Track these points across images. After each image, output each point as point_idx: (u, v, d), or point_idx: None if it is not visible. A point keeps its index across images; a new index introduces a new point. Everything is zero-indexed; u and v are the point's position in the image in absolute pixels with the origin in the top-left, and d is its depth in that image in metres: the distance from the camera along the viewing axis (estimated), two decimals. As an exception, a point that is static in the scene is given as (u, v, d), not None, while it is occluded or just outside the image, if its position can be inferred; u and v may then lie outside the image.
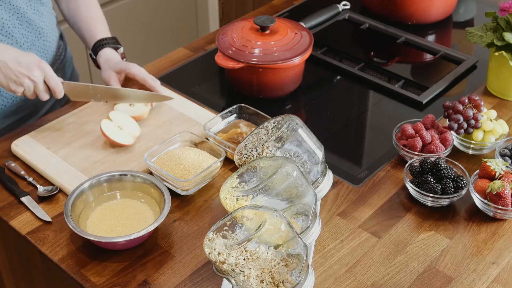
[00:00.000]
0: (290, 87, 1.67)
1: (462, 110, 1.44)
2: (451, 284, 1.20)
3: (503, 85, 1.63)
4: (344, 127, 1.60)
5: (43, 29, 1.62)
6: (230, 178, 1.14)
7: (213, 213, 1.34)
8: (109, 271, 1.22)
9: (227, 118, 1.52)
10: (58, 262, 1.23)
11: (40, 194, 1.36)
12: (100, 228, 1.26)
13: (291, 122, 1.20)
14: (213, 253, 1.01)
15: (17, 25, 1.55)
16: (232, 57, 1.58)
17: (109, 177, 1.33)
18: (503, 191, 1.27)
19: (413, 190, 1.34)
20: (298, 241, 1.03)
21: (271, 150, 1.17)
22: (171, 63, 1.80)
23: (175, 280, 1.20)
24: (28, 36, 1.58)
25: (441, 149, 1.41)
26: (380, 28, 1.93)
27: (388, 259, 1.25)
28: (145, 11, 3.11)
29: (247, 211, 1.03)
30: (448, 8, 1.97)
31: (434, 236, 1.29)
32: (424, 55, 1.84)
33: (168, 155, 1.38)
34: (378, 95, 1.69)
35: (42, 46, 1.63)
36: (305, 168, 1.19)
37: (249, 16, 1.96)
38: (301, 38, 1.63)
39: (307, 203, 1.11)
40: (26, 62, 1.39)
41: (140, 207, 1.31)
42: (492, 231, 1.30)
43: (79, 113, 1.57)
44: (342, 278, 1.21)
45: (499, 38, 1.55)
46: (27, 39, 1.58)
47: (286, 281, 1.01)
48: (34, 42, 1.60)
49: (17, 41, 1.56)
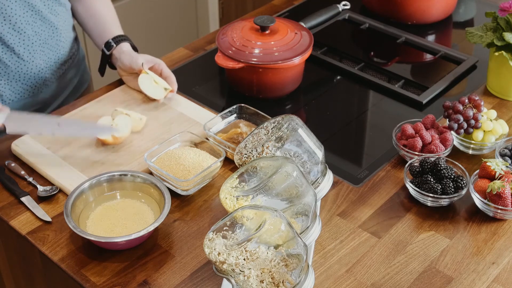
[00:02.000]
0: (290, 87, 1.67)
1: (462, 110, 1.44)
2: (451, 284, 1.20)
3: (503, 85, 1.63)
4: (344, 127, 1.60)
5: (57, 28, 1.62)
6: (230, 178, 1.14)
7: (213, 213, 1.34)
8: (109, 271, 1.22)
9: (227, 118, 1.52)
10: (58, 262, 1.23)
11: (40, 194, 1.36)
12: (100, 228, 1.26)
13: (291, 122, 1.20)
14: (213, 253, 1.01)
15: (31, 22, 1.55)
16: (232, 57, 1.58)
17: (109, 177, 1.33)
18: (503, 191, 1.27)
19: (413, 190, 1.34)
20: (298, 241, 1.03)
21: (271, 150, 1.17)
22: (171, 63, 1.80)
23: (175, 280, 1.20)
24: (41, 34, 1.58)
25: (441, 149, 1.41)
26: (380, 28, 1.93)
27: (388, 259, 1.25)
28: (145, 11, 3.11)
29: (247, 211, 1.03)
30: (448, 8, 1.97)
31: (434, 236, 1.29)
32: (424, 55, 1.84)
33: (168, 155, 1.38)
34: (378, 95, 1.69)
35: (54, 45, 1.63)
36: (305, 168, 1.19)
37: (249, 16, 1.96)
38: (301, 38, 1.63)
39: (307, 203, 1.11)
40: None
41: (140, 207, 1.31)
42: (492, 231, 1.30)
43: (79, 113, 1.57)
44: (342, 278, 1.21)
45: (499, 38, 1.55)
46: (40, 37, 1.58)
47: (286, 281, 1.01)
48: (46, 40, 1.60)
49: (29, 38, 1.56)
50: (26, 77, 1.61)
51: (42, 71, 1.63)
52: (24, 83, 1.61)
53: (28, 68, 1.60)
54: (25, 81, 1.61)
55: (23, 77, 1.60)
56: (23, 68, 1.59)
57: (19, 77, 1.59)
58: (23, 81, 1.61)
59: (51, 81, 1.66)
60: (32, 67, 1.60)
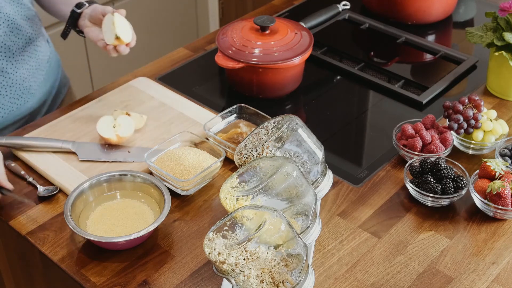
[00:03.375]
0: (290, 87, 1.67)
1: (462, 110, 1.44)
2: (451, 284, 1.20)
3: (503, 85, 1.63)
4: (344, 127, 1.60)
5: (32, 33, 1.62)
6: (230, 178, 1.14)
7: (213, 213, 1.34)
8: (109, 271, 1.22)
9: (227, 118, 1.52)
10: (58, 262, 1.23)
11: (40, 194, 1.36)
12: (100, 228, 1.26)
13: (291, 122, 1.20)
14: (213, 253, 1.01)
15: (8, 33, 1.55)
16: (232, 57, 1.58)
17: (109, 177, 1.33)
18: (503, 191, 1.27)
19: (413, 190, 1.34)
20: (298, 241, 1.03)
21: (271, 150, 1.17)
22: (171, 63, 1.80)
23: (175, 280, 1.20)
24: (19, 42, 1.58)
25: (441, 149, 1.41)
26: (380, 28, 1.93)
27: (388, 259, 1.25)
28: (145, 11, 3.11)
29: (247, 211, 1.03)
30: (448, 8, 1.97)
31: (434, 236, 1.29)
32: (424, 55, 1.84)
33: (168, 155, 1.38)
34: (378, 95, 1.69)
35: (32, 52, 1.63)
36: (305, 168, 1.19)
37: (249, 16, 1.96)
38: (301, 38, 1.63)
39: (307, 203, 1.11)
40: None
41: (140, 207, 1.31)
42: (492, 231, 1.30)
43: (79, 113, 1.57)
44: (342, 278, 1.21)
45: (499, 38, 1.55)
46: (18, 46, 1.58)
47: (286, 281, 1.01)
48: (25, 48, 1.60)
49: (9, 49, 1.56)
50: (12, 90, 1.60)
51: (26, 80, 1.62)
52: (11, 96, 1.60)
53: (13, 80, 1.59)
54: (11, 94, 1.60)
55: (10, 90, 1.60)
56: (8, 81, 1.58)
57: (5, 91, 1.59)
58: (10, 94, 1.60)
59: (34, 88, 1.65)
60: (16, 78, 1.60)
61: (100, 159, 1.42)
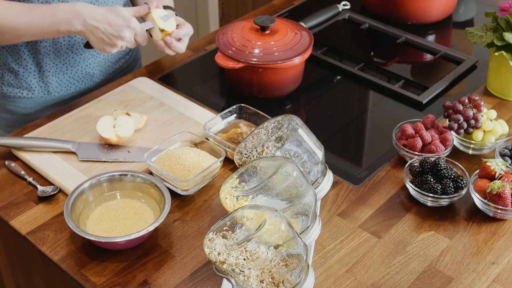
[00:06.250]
0: (290, 87, 1.67)
1: (462, 110, 1.44)
2: (451, 284, 1.20)
3: (503, 85, 1.63)
4: (344, 127, 1.60)
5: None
6: (230, 178, 1.15)
7: (213, 213, 1.34)
8: (109, 271, 1.22)
9: (227, 118, 1.52)
10: (58, 262, 1.24)
11: (40, 194, 1.36)
12: (100, 228, 1.26)
13: (291, 122, 1.20)
14: (213, 253, 1.01)
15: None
16: (232, 57, 1.58)
17: (109, 177, 1.33)
18: (503, 191, 1.27)
19: (413, 190, 1.34)
20: (298, 241, 1.03)
21: (271, 150, 1.17)
22: (171, 63, 1.80)
23: (175, 280, 1.20)
24: None
25: (441, 149, 1.41)
26: (380, 28, 1.93)
27: (388, 259, 1.25)
28: (145, 11, 3.11)
29: (247, 211, 1.03)
30: (448, 8, 1.97)
31: (434, 236, 1.29)
32: (424, 55, 1.84)
33: (168, 155, 1.38)
34: (378, 95, 1.69)
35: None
36: (305, 168, 1.19)
37: (249, 16, 1.96)
38: (301, 38, 1.63)
39: (307, 203, 1.11)
40: (116, 24, 1.43)
41: (140, 207, 1.31)
42: (492, 231, 1.30)
43: (78, 113, 1.57)
44: (342, 278, 1.21)
45: (499, 38, 1.55)
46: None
47: (286, 281, 1.01)
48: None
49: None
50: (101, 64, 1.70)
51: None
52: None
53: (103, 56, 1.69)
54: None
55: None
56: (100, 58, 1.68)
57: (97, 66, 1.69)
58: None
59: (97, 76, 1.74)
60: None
61: (100, 159, 1.42)
